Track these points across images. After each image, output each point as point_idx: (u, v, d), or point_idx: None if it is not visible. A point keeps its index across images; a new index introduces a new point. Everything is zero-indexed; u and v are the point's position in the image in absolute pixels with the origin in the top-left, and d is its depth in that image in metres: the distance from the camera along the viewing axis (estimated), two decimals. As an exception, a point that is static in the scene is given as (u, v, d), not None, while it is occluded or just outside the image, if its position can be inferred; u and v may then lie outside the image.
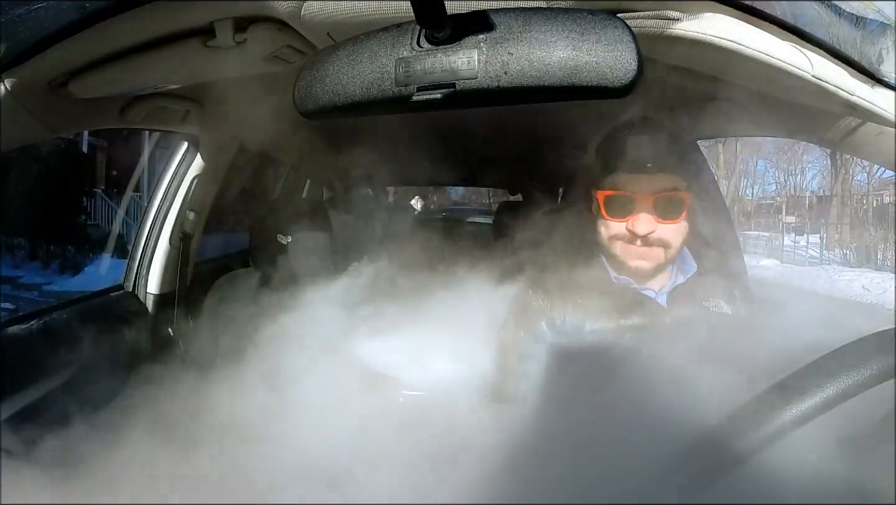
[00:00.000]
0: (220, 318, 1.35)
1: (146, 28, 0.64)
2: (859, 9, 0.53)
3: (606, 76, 0.39)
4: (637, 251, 0.81)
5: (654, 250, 0.80)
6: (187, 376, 1.11)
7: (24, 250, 8.44)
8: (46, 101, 0.73)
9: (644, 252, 0.81)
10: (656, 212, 0.78)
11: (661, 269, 0.83)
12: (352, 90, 0.44)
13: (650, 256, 0.81)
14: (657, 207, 0.78)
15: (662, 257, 0.81)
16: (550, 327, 0.85)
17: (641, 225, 0.78)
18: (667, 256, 0.81)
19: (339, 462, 0.87)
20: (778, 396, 0.36)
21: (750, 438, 0.36)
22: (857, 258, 10.86)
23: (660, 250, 0.80)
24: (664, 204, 0.78)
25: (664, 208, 0.78)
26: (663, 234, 0.79)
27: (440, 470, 0.73)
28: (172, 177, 1.34)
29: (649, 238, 0.79)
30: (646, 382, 0.81)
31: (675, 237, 0.80)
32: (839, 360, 0.37)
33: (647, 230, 0.78)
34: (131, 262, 1.33)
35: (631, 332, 0.82)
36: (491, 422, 0.86)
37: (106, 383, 1.00)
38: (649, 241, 0.79)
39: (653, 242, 0.80)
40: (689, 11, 0.53)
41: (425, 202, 5.06)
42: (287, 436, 0.95)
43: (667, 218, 0.78)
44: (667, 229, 0.79)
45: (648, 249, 0.80)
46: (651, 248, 0.80)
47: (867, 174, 15.44)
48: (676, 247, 0.81)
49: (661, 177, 0.78)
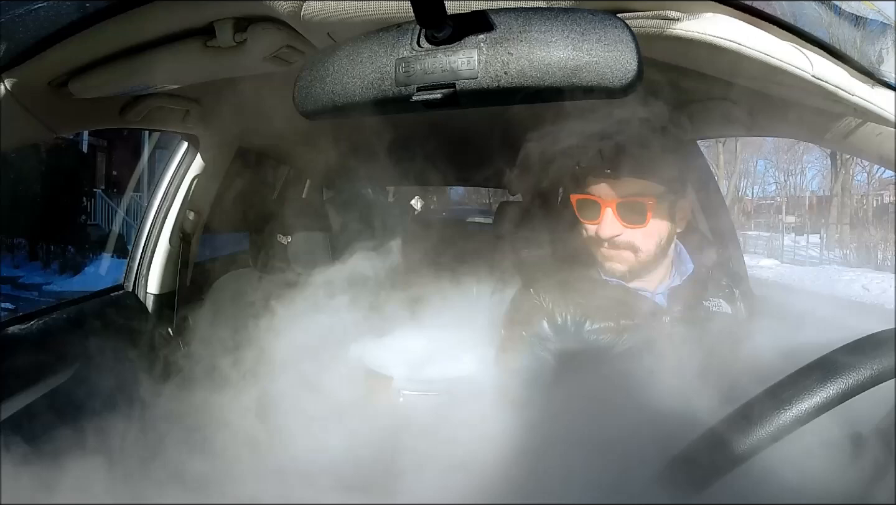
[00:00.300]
0: (220, 318, 1.35)
1: (146, 28, 0.64)
2: (859, 9, 0.53)
3: (606, 76, 0.39)
4: (607, 253, 0.83)
5: (622, 253, 0.82)
6: (187, 376, 1.11)
7: (24, 250, 8.44)
8: (46, 101, 0.72)
9: (613, 254, 0.83)
10: (621, 216, 0.80)
11: (638, 271, 0.84)
12: (352, 90, 0.44)
13: (620, 258, 0.83)
14: (621, 212, 0.80)
15: (633, 260, 0.82)
16: (552, 326, 0.85)
17: (605, 229, 0.81)
18: (638, 259, 0.82)
19: (338, 463, 0.87)
20: (777, 395, 0.36)
21: (750, 438, 0.36)
22: (857, 258, 10.86)
23: (629, 253, 0.82)
24: (628, 209, 0.80)
25: (628, 213, 0.80)
26: (631, 238, 0.81)
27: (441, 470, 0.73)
28: (172, 177, 1.34)
29: (616, 241, 0.81)
30: (645, 381, 0.81)
31: (645, 241, 0.81)
32: (839, 359, 0.37)
33: (610, 234, 0.81)
34: (131, 262, 1.33)
35: (631, 331, 0.82)
36: (492, 421, 0.86)
37: (106, 383, 1.00)
38: (616, 244, 0.82)
39: (620, 246, 0.82)
40: (689, 11, 0.53)
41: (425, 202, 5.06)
42: (286, 436, 0.95)
43: (632, 223, 0.80)
44: (634, 233, 0.81)
45: (617, 252, 0.83)
46: (619, 251, 0.82)
47: (867, 174, 15.45)
48: (648, 251, 0.82)
49: (626, 182, 0.79)
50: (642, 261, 0.83)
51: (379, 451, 0.89)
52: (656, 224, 0.81)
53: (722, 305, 0.86)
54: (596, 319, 0.84)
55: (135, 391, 1.03)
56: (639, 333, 0.82)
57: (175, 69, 0.73)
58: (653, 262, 0.84)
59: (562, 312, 0.85)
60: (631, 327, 0.82)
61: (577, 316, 0.85)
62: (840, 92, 0.54)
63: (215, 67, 0.73)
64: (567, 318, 0.85)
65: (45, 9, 0.56)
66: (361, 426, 0.98)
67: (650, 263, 0.84)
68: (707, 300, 0.86)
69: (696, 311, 0.84)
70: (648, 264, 0.84)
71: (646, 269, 0.84)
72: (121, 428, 0.91)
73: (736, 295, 0.88)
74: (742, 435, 0.37)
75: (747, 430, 0.37)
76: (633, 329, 0.82)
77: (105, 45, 0.66)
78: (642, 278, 0.86)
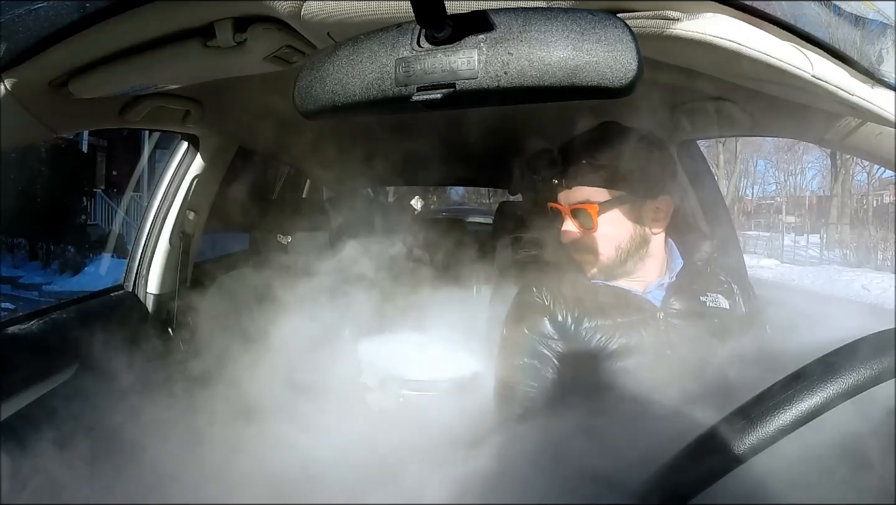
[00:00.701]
0: (220, 318, 1.35)
1: (146, 28, 0.64)
2: (859, 9, 0.53)
3: (606, 76, 0.39)
4: (575, 256, 0.90)
5: (585, 256, 0.88)
6: (187, 376, 1.11)
7: (24, 250, 8.44)
8: (46, 101, 0.73)
9: (578, 257, 0.89)
10: (576, 221, 0.86)
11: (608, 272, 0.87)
12: (352, 90, 0.44)
13: (585, 260, 0.88)
14: (576, 218, 0.86)
15: (595, 262, 0.87)
16: (553, 324, 0.86)
17: (564, 234, 0.88)
18: (600, 261, 0.86)
19: (338, 462, 0.87)
20: (777, 395, 0.36)
21: (750, 438, 0.36)
22: (857, 258, 10.86)
23: (590, 256, 0.87)
24: (578, 216, 0.85)
25: (580, 219, 0.85)
26: (589, 241, 0.86)
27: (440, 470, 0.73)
28: (172, 177, 1.34)
29: (577, 245, 0.88)
30: (644, 380, 0.81)
31: (602, 244, 0.85)
32: (839, 359, 0.37)
33: (567, 239, 0.88)
34: (131, 262, 1.33)
35: (626, 329, 0.83)
36: (492, 419, 0.86)
37: (106, 384, 1.00)
38: (577, 247, 0.88)
39: (581, 249, 0.88)
40: (689, 11, 0.53)
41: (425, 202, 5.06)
42: (286, 436, 0.95)
43: (584, 227, 0.85)
44: (590, 237, 0.85)
45: (580, 255, 0.88)
46: (581, 254, 0.88)
47: (867, 174, 15.45)
48: (607, 253, 0.85)
49: (575, 189, 0.85)
50: (604, 263, 0.86)
51: (380, 449, 0.89)
52: (609, 228, 0.84)
53: (720, 300, 0.87)
54: (592, 317, 0.85)
55: (135, 391, 1.02)
56: (633, 330, 0.83)
57: (175, 69, 0.73)
58: (622, 262, 0.86)
59: (562, 310, 0.87)
60: (625, 325, 0.84)
61: (575, 314, 0.86)
62: (840, 92, 0.54)
63: (215, 67, 0.73)
64: (567, 316, 0.86)
65: (45, 9, 0.56)
66: (361, 426, 0.98)
67: (621, 264, 0.86)
68: (704, 296, 0.87)
69: (691, 306, 0.85)
70: (620, 265, 0.86)
71: (621, 269, 0.87)
72: (121, 428, 0.91)
73: (735, 291, 0.89)
74: (741, 435, 0.37)
75: (746, 430, 0.37)
76: (627, 326, 0.83)
77: (105, 45, 0.66)
78: (628, 277, 0.88)
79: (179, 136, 1.31)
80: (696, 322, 0.84)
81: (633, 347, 0.82)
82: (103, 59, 0.68)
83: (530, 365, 0.85)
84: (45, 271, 8.32)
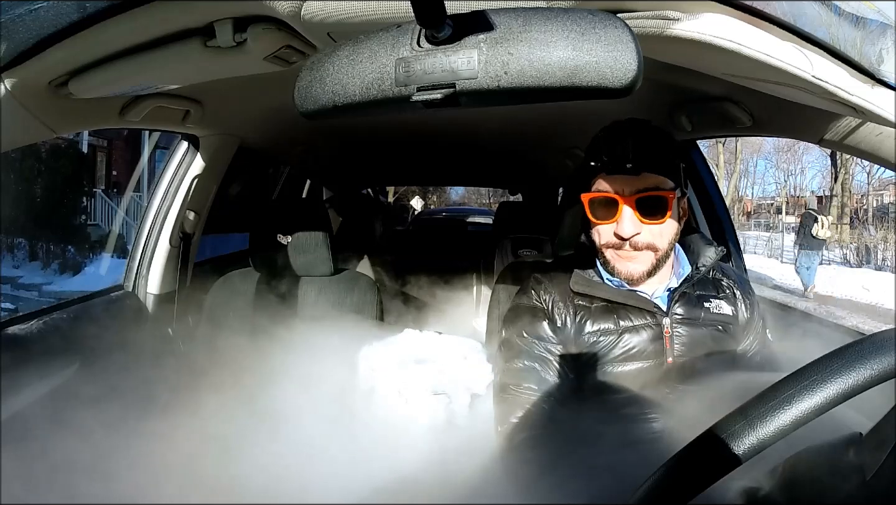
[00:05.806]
0: (220, 318, 1.35)
1: (146, 28, 0.64)
2: (859, 9, 0.53)
3: (606, 76, 0.39)
4: (626, 255, 0.80)
5: (643, 254, 0.80)
6: (186, 376, 1.11)
7: (24, 250, 8.44)
8: (46, 101, 0.73)
9: (633, 256, 0.80)
10: (639, 212, 0.77)
11: (652, 272, 0.81)
12: (352, 90, 0.44)
13: (640, 259, 0.80)
14: (640, 208, 0.77)
15: (653, 260, 0.80)
16: (552, 327, 0.85)
17: (625, 226, 0.77)
18: (657, 257, 0.80)
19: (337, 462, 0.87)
20: (777, 395, 0.36)
21: (750, 438, 0.36)
22: (857, 258, 10.85)
23: (649, 254, 0.80)
24: (646, 204, 0.77)
25: (647, 209, 0.77)
26: (649, 236, 0.79)
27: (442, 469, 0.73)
28: (172, 177, 1.34)
29: (636, 242, 0.79)
30: (646, 383, 0.81)
31: (662, 239, 0.79)
32: (839, 359, 0.37)
33: (631, 231, 0.78)
34: (131, 262, 1.33)
35: (630, 333, 0.82)
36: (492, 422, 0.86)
37: (106, 383, 1.00)
38: (636, 244, 0.79)
39: (640, 246, 0.79)
40: (689, 11, 0.53)
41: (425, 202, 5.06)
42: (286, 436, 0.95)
43: (650, 218, 0.77)
44: (652, 230, 0.78)
45: (638, 253, 0.80)
46: (640, 251, 0.79)
47: (867, 174, 15.45)
48: (664, 249, 0.80)
49: (643, 177, 0.77)
50: (661, 260, 0.81)
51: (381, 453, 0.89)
52: (671, 221, 0.79)
53: (723, 306, 0.86)
54: (596, 321, 0.83)
55: (135, 391, 1.02)
56: (638, 335, 0.81)
57: (175, 69, 0.73)
58: (664, 262, 0.82)
59: (561, 313, 0.85)
60: (630, 329, 0.82)
61: (576, 318, 0.84)
62: (840, 92, 0.54)
63: (215, 67, 0.73)
64: (567, 319, 0.85)
65: (45, 9, 0.56)
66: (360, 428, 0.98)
67: (661, 263, 0.82)
68: (708, 301, 0.86)
69: (696, 312, 0.84)
70: (661, 264, 0.82)
71: (652, 271, 0.81)
72: (121, 427, 0.90)
73: (737, 297, 0.88)
74: (741, 435, 0.37)
75: (746, 430, 0.37)
76: (632, 331, 0.82)
77: (105, 45, 0.66)
78: (647, 281, 0.83)
79: (179, 136, 1.31)
80: (699, 328, 0.83)
81: (636, 353, 0.81)
82: (103, 59, 0.68)
83: (530, 368, 0.83)
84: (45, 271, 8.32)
